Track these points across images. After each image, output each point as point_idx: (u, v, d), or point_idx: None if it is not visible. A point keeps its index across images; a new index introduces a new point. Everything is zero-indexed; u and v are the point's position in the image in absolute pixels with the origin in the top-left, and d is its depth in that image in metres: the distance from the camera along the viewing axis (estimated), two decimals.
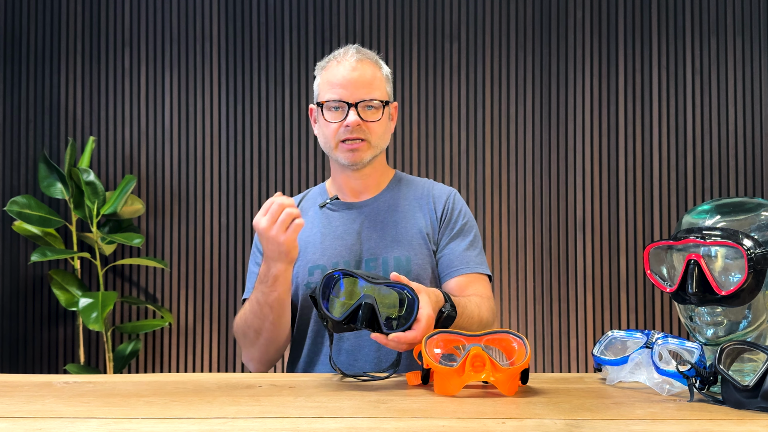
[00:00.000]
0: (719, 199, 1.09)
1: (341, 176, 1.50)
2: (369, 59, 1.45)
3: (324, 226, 1.48)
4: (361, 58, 1.43)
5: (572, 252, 2.97)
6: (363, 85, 1.40)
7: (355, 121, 1.39)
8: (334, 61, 1.44)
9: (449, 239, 1.48)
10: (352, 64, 1.42)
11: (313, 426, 0.83)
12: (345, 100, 1.40)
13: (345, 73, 1.41)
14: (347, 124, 1.39)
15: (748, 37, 2.97)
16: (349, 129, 1.40)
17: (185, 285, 3.03)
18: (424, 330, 1.10)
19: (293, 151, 3.03)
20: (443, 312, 1.23)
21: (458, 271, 1.44)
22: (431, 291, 1.20)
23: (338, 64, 1.43)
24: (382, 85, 1.44)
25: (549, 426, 0.83)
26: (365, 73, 1.42)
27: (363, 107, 1.40)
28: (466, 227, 1.50)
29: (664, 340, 1.06)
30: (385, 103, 1.44)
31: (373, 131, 1.42)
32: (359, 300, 1.10)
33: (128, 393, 1.05)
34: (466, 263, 1.45)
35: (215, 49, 3.06)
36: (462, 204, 1.53)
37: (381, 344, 1.42)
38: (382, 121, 1.44)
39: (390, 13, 3.04)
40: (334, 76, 1.42)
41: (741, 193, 2.92)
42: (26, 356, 3.03)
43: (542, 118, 3.00)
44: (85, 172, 2.76)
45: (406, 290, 1.12)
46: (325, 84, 1.44)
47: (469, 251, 1.47)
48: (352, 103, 1.39)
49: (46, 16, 3.08)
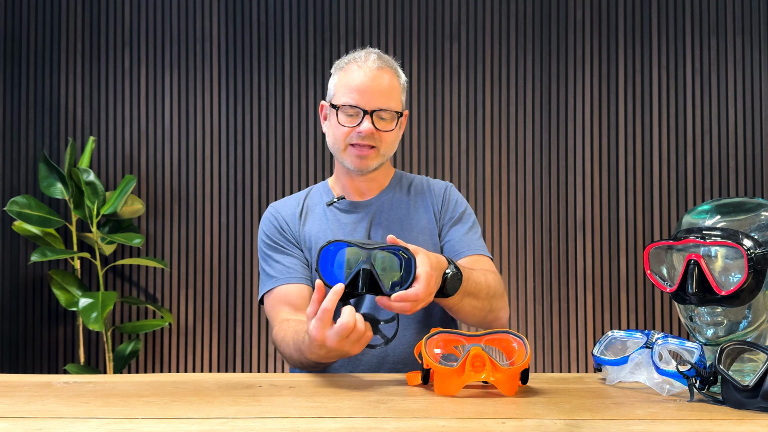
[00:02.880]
0: (719, 199, 1.08)
1: (346, 178, 1.51)
2: (389, 67, 1.44)
3: (333, 224, 1.49)
4: (381, 66, 1.42)
5: (572, 252, 2.97)
6: (380, 94, 1.40)
7: (368, 130, 1.39)
8: (354, 64, 1.43)
9: (450, 227, 1.50)
10: (372, 71, 1.40)
11: (313, 426, 0.83)
12: (361, 106, 1.39)
13: (364, 79, 1.40)
14: (360, 131, 1.39)
15: (748, 37, 2.97)
16: (361, 135, 1.40)
17: (185, 285, 3.03)
18: (425, 287, 1.09)
19: (293, 151, 3.03)
20: (448, 273, 1.22)
21: (462, 254, 1.46)
22: (430, 253, 1.20)
23: (358, 69, 1.41)
24: (398, 95, 1.44)
25: (549, 426, 0.83)
26: (383, 82, 1.41)
27: (378, 116, 1.40)
28: (465, 215, 1.53)
29: (664, 340, 1.06)
30: (400, 113, 1.44)
31: (384, 140, 1.42)
32: (357, 267, 1.10)
33: (128, 393, 1.05)
34: (468, 246, 1.47)
35: (215, 49, 3.06)
36: (458, 195, 1.56)
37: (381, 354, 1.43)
38: (395, 131, 1.44)
39: (390, 13, 3.04)
40: (353, 81, 1.41)
41: (741, 193, 2.92)
42: (26, 356, 3.03)
43: (542, 118, 3.00)
44: (85, 172, 2.76)
45: (402, 250, 1.12)
46: (343, 86, 1.43)
47: (470, 234, 1.49)
48: (367, 111, 1.39)
49: (46, 16, 3.08)
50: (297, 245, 1.49)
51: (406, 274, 1.12)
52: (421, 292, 1.09)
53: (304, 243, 1.49)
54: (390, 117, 1.42)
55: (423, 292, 1.09)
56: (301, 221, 1.51)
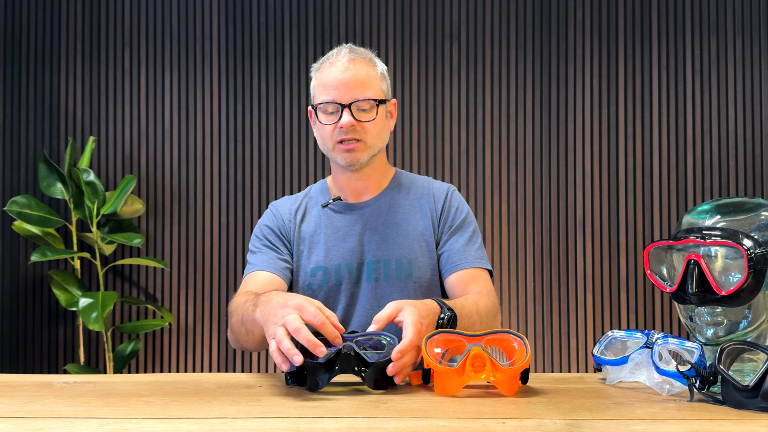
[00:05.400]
0: (719, 199, 1.08)
1: (342, 177, 1.50)
2: (362, 58, 1.43)
3: (327, 227, 1.49)
4: (353, 58, 1.42)
5: (572, 252, 2.97)
6: (356, 86, 1.39)
7: (348, 123, 1.38)
8: (327, 62, 1.43)
9: (449, 235, 1.48)
10: (344, 64, 1.41)
11: (313, 426, 0.83)
12: (338, 101, 1.39)
13: (337, 74, 1.40)
14: (341, 125, 1.39)
15: (748, 37, 2.97)
16: (343, 130, 1.39)
17: (185, 285, 3.03)
18: (415, 334, 1.07)
19: (293, 151, 3.03)
20: (443, 318, 1.21)
21: (458, 267, 1.44)
22: (417, 302, 1.18)
23: (331, 66, 1.42)
24: (376, 83, 1.43)
25: (549, 426, 0.83)
26: (358, 73, 1.40)
27: (356, 107, 1.40)
28: (465, 222, 1.50)
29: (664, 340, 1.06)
30: (380, 101, 1.43)
31: (368, 131, 1.41)
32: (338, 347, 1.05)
33: (128, 393, 1.05)
34: (465, 258, 1.45)
35: (215, 49, 3.06)
36: (460, 200, 1.54)
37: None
38: (377, 121, 1.42)
39: (390, 13, 3.04)
40: (327, 78, 1.41)
41: (741, 193, 2.92)
42: (26, 356, 3.03)
43: (542, 118, 3.00)
44: (85, 172, 2.76)
45: (383, 334, 1.10)
46: (319, 86, 1.43)
47: (469, 246, 1.47)
48: (345, 104, 1.39)
49: (46, 16, 3.08)
50: (288, 245, 1.49)
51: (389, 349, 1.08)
52: (414, 338, 1.07)
53: (300, 242, 1.49)
54: (369, 106, 1.41)
55: (416, 337, 1.07)
56: (298, 220, 1.51)
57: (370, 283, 1.44)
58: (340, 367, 1.03)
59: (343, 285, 1.44)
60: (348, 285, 1.44)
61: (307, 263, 1.46)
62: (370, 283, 1.44)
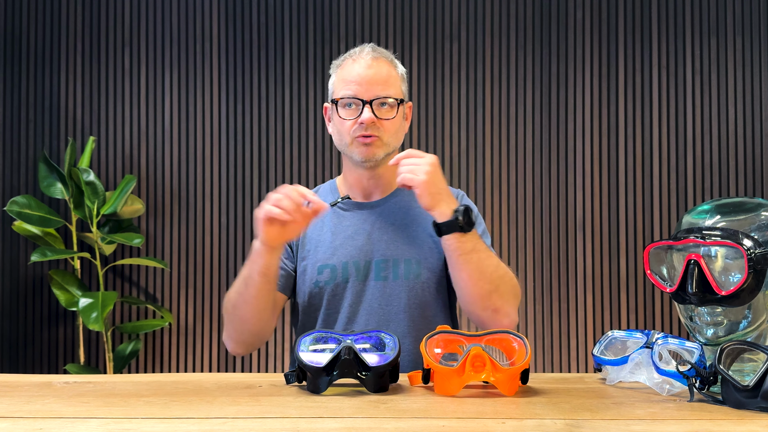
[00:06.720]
0: (719, 199, 1.08)
1: (354, 175, 1.50)
2: (384, 57, 1.45)
3: (335, 225, 1.49)
4: (376, 56, 1.43)
5: (572, 252, 2.97)
6: (378, 83, 1.40)
7: (369, 118, 1.38)
8: (350, 59, 1.44)
9: None
10: (367, 61, 1.41)
11: (313, 426, 0.83)
12: (359, 96, 1.39)
13: (360, 70, 1.41)
14: (362, 121, 1.39)
15: (748, 37, 2.97)
16: (363, 126, 1.39)
17: (185, 285, 3.03)
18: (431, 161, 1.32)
19: (293, 151, 3.03)
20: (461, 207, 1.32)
21: None
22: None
23: (354, 62, 1.43)
24: (397, 83, 1.44)
25: (549, 426, 0.83)
26: (380, 71, 1.41)
27: (377, 105, 1.40)
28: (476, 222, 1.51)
29: (664, 340, 1.06)
30: (400, 101, 1.44)
31: (386, 129, 1.41)
32: (338, 348, 1.05)
33: (128, 393, 1.05)
34: None
35: (215, 49, 3.06)
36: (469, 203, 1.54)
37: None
38: (396, 120, 1.43)
39: (390, 13, 3.04)
40: (349, 74, 1.42)
41: (741, 193, 2.92)
42: (26, 356, 3.03)
43: (542, 118, 3.00)
44: (85, 172, 2.76)
45: (383, 333, 1.11)
46: (340, 81, 1.44)
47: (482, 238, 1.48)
48: (366, 101, 1.39)
49: (46, 16, 3.08)
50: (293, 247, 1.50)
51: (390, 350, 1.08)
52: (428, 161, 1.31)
53: (305, 243, 1.49)
54: (390, 105, 1.42)
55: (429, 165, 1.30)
56: None
57: (378, 282, 1.44)
58: (341, 372, 1.03)
59: (350, 282, 1.44)
60: (355, 283, 1.44)
61: (315, 261, 1.46)
62: (378, 282, 1.44)
